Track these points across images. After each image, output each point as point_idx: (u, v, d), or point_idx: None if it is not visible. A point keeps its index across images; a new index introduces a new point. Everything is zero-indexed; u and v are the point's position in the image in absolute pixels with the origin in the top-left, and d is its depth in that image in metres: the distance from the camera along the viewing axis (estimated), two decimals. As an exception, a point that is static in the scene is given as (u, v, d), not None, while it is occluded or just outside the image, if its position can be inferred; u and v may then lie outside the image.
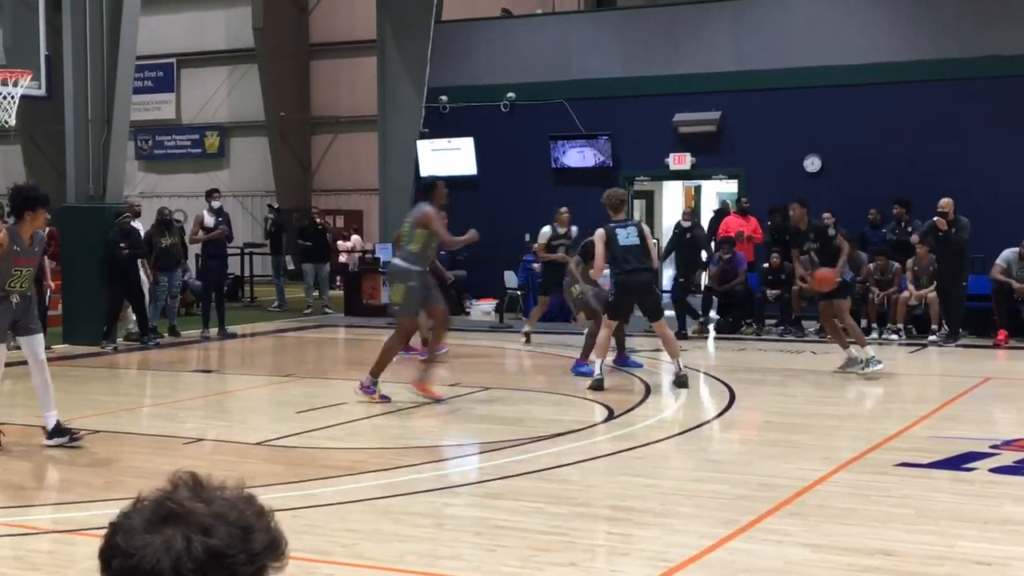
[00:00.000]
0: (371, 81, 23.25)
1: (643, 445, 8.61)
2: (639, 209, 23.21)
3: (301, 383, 12.31)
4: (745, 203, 18.45)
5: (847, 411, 10.60)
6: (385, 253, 18.19)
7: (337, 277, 23.14)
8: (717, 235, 18.24)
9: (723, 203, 21.78)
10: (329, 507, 6.75)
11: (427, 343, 14.21)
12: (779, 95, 18.58)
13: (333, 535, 6.12)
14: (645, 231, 11.76)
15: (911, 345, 15.15)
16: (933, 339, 15.18)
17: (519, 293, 18.69)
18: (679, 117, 19.27)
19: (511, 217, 19.30)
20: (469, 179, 20.32)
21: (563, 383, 11.94)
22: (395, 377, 12.84)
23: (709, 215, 22.86)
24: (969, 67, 17.44)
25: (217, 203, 16.94)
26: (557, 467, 7.77)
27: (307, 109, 32.03)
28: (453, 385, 11.64)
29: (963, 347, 14.88)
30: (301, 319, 19.34)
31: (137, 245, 15.27)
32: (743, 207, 18.44)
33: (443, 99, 20.96)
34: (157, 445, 8.81)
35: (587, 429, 9.42)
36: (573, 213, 15.72)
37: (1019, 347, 14.75)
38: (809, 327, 15.85)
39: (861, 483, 7.27)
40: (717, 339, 16.24)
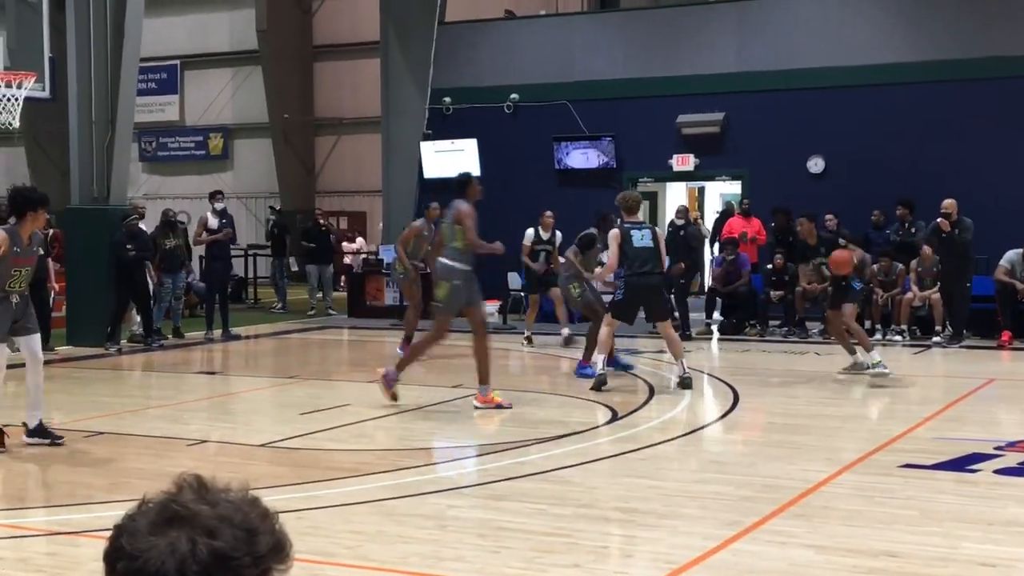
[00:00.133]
0: (374, 83, 23.27)
1: (647, 446, 8.60)
2: (642, 210, 23.15)
3: (305, 385, 12.31)
4: (746, 204, 18.44)
5: (851, 412, 10.59)
6: (388, 254, 18.19)
7: (341, 278, 23.17)
8: (721, 236, 18.22)
9: (727, 204, 21.77)
10: (333, 509, 6.75)
11: (410, 341, 14.16)
12: (782, 96, 18.57)
13: (337, 537, 6.12)
14: (659, 234, 11.80)
15: (915, 346, 15.13)
16: (937, 340, 15.17)
17: (522, 294, 18.67)
18: (682, 118, 19.27)
19: (514, 218, 19.26)
20: (472, 180, 20.30)
21: (566, 384, 11.93)
22: (402, 378, 12.85)
23: (713, 216, 22.85)
24: (972, 68, 17.42)
25: (221, 205, 16.95)
26: (561, 469, 7.77)
27: (311, 111, 32.06)
28: (455, 387, 11.63)
29: (967, 348, 14.86)
30: (305, 321, 19.34)
31: (144, 247, 15.28)
32: (744, 208, 18.44)
33: (446, 100, 20.96)
34: (161, 447, 8.82)
35: (590, 431, 9.41)
36: (577, 214, 15.71)
37: (1023, 348, 14.73)
38: (813, 328, 15.85)
39: (865, 484, 7.26)
40: (721, 340, 16.23)
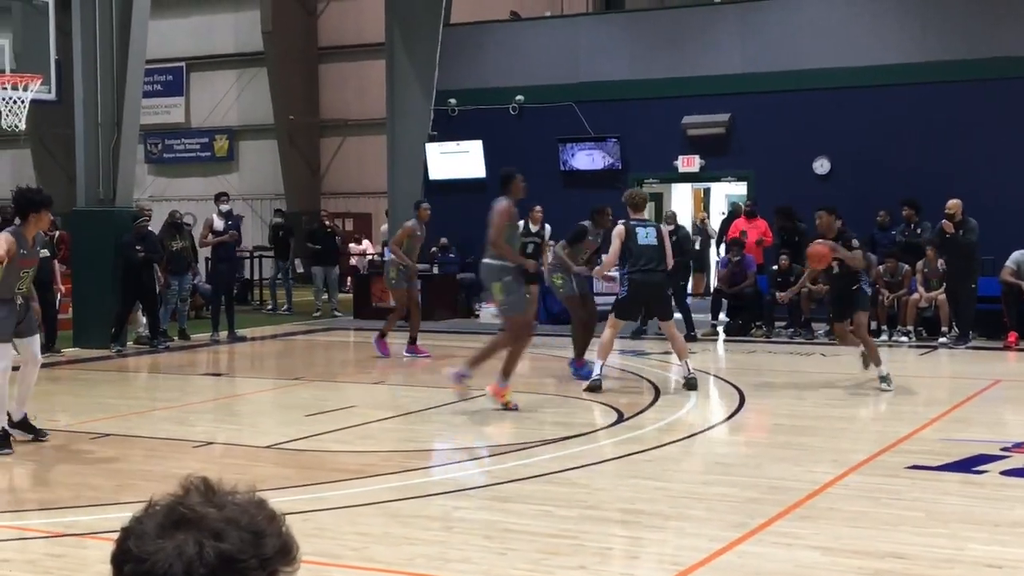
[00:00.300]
0: (380, 84, 23.30)
1: (652, 448, 8.60)
2: (648, 211, 23.16)
3: (310, 386, 12.31)
4: (749, 205, 18.41)
5: (857, 414, 10.57)
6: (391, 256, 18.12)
7: (347, 280, 23.17)
8: (727, 237, 18.21)
9: (734, 205, 21.76)
10: (339, 510, 6.75)
11: (415, 342, 14.26)
12: (787, 97, 18.55)
13: (343, 538, 6.12)
14: (663, 232, 11.76)
15: (921, 347, 15.11)
16: (943, 341, 15.14)
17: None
18: (688, 119, 19.27)
19: (520, 219, 19.28)
20: (478, 182, 20.33)
21: (571, 386, 11.92)
22: (406, 380, 12.87)
23: (719, 217, 22.87)
24: (978, 68, 17.40)
25: (226, 206, 16.96)
26: (566, 470, 7.76)
27: (316, 112, 32.10)
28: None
29: (973, 349, 14.83)
30: (310, 322, 19.35)
31: (153, 249, 15.28)
32: (747, 209, 18.41)
33: (452, 102, 20.98)
34: (167, 448, 8.83)
35: (596, 432, 9.41)
36: (582, 215, 15.66)
37: (1029, 349, 14.72)
38: (819, 329, 15.83)
39: (871, 486, 7.25)
40: (726, 341, 16.22)
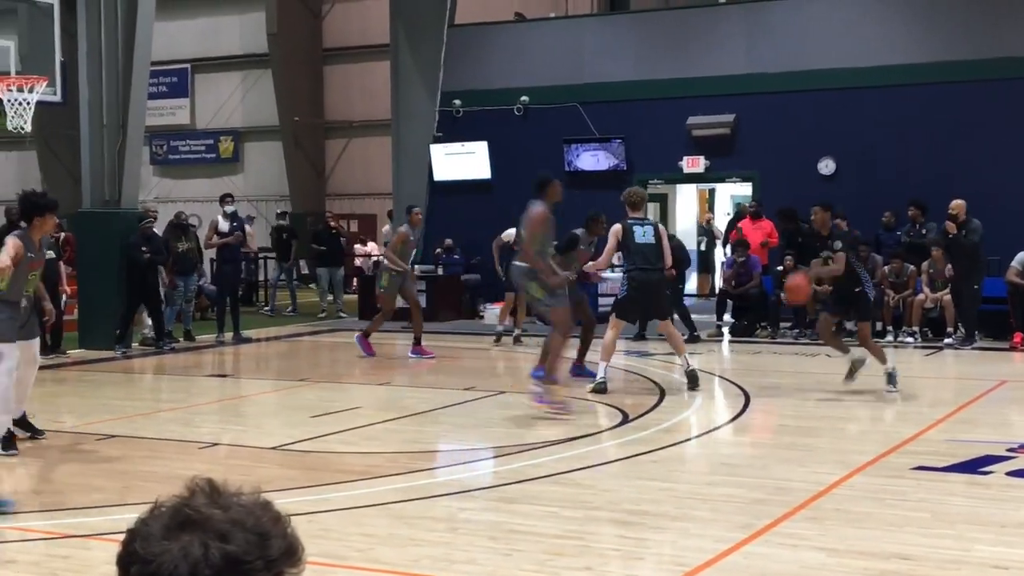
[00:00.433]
0: (385, 85, 23.30)
1: (657, 449, 8.59)
2: (653, 212, 23.16)
3: (315, 387, 12.32)
4: (752, 206, 18.39)
5: (862, 414, 10.56)
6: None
7: (352, 280, 23.17)
8: (732, 239, 18.20)
9: (739, 206, 21.76)
10: (344, 512, 6.75)
11: (419, 343, 14.24)
12: (792, 97, 18.53)
13: (348, 540, 6.12)
14: (661, 231, 11.72)
15: (927, 348, 15.10)
16: (949, 342, 15.12)
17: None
18: (692, 120, 19.25)
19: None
20: (483, 183, 20.35)
21: (576, 387, 11.91)
22: (412, 381, 12.88)
23: (725, 218, 22.86)
24: (983, 69, 17.37)
25: (231, 208, 16.97)
26: (571, 471, 7.76)
27: (321, 114, 32.12)
28: (467, 389, 11.64)
29: (979, 350, 14.82)
30: (315, 323, 19.36)
31: (158, 250, 15.31)
32: (750, 210, 18.39)
33: (456, 103, 20.98)
34: (172, 449, 8.84)
35: (601, 433, 9.41)
36: (586, 216, 15.66)
37: (1035, 350, 14.70)
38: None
39: (877, 487, 7.24)
40: (732, 342, 16.22)
